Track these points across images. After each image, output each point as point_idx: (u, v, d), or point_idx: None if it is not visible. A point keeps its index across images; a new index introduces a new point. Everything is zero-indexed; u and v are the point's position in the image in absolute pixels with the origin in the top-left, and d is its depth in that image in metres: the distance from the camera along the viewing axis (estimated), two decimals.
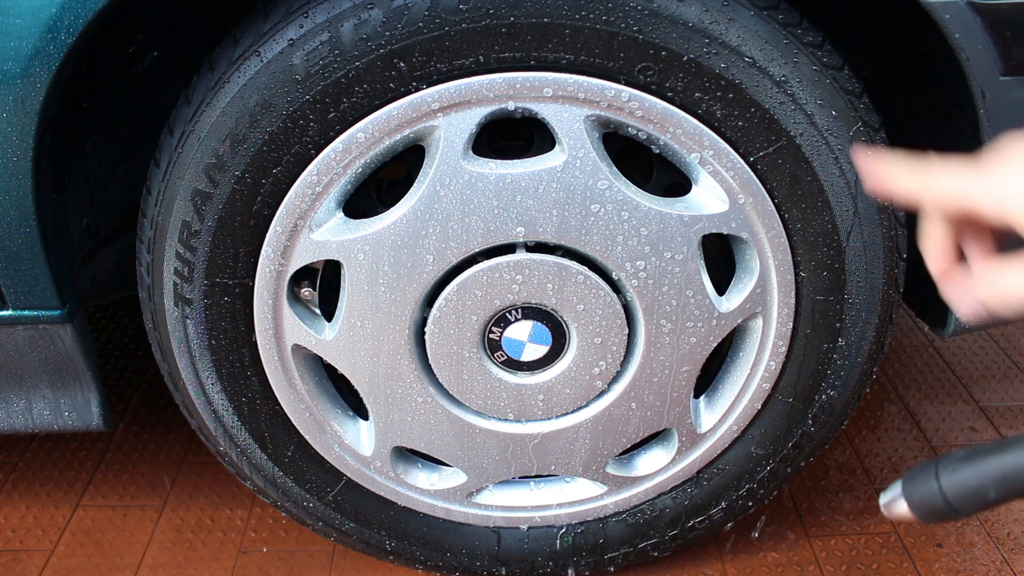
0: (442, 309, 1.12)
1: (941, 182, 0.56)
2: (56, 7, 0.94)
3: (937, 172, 0.57)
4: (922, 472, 0.58)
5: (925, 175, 0.57)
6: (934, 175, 0.57)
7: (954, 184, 0.56)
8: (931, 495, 0.57)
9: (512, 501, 1.33)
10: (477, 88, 0.99)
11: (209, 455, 1.64)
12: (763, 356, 1.19)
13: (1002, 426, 1.74)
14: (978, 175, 0.55)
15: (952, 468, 0.56)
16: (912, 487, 0.58)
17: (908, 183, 0.58)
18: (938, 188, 0.57)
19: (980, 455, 0.55)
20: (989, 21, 0.98)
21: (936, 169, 0.57)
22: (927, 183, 0.57)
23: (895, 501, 0.59)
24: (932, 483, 0.57)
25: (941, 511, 0.57)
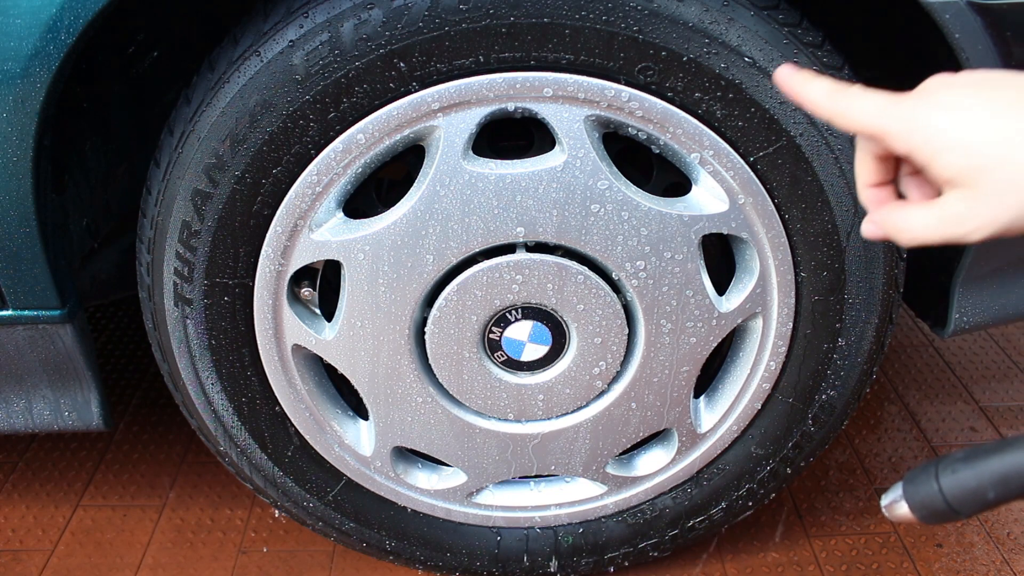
0: (442, 309, 1.12)
1: (854, 103, 0.55)
2: (56, 7, 0.94)
3: (853, 94, 0.55)
4: (922, 473, 0.58)
5: (841, 94, 0.56)
6: (849, 95, 0.55)
7: (866, 107, 0.54)
8: (931, 496, 0.57)
9: (512, 501, 1.33)
10: (477, 88, 0.99)
11: (209, 455, 1.64)
12: (763, 356, 1.19)
13: (1002, 426, 1.74)
14: (892, 103, 0.53)
15: (952, 469, 0.56)
16: (912, 488, 0.58)
17: (823, 99, 0.56)
18: (850, 109, 0.55)
19: (980, 456, 0.55)
20: (989, 21, 0.98)
21: (854, 91, 0.55)
22: (841, 102, 0.55)
23: (896, 503, 0.59)
24: (932, 484, 0.57)
25: (942, 512, 0.57)
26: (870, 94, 0.54)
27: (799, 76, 0.58)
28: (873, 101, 0.54)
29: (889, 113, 0.53)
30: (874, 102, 0.54)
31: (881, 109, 0.53)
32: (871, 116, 0.54)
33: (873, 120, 0.54)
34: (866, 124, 0.54)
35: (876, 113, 0.53)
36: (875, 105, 0.54)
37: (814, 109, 0.57)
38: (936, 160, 0.51)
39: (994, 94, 0.50)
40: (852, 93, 0.55)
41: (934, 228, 0.52)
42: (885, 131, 0.53)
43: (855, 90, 0.55)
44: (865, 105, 0.54)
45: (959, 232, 0.51)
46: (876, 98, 0.54)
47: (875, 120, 0.53)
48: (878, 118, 0.53)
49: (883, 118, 0.53)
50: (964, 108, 0.50)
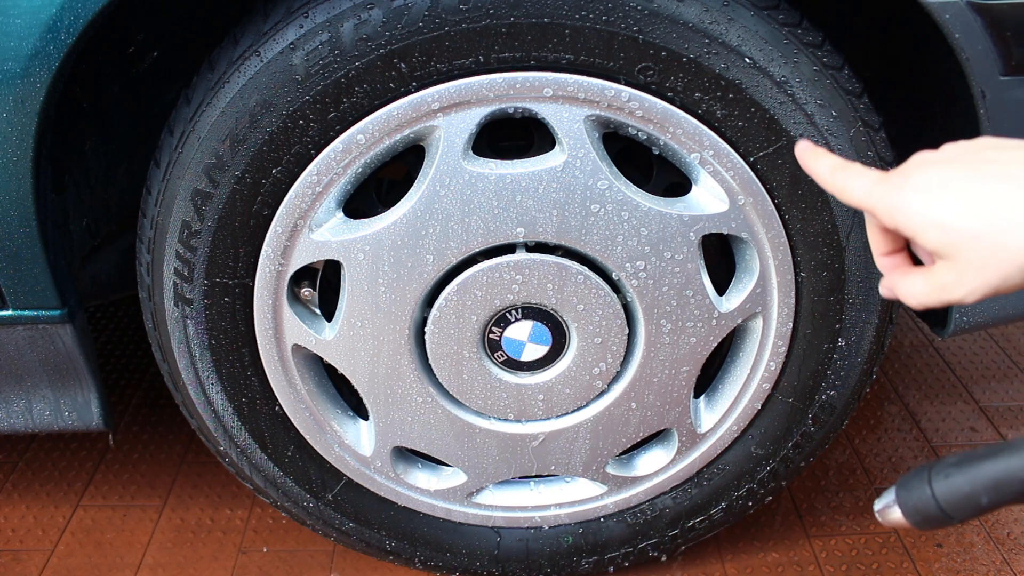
0: (442, 309, 1.12)
1: (848, 181, 0.60)
2: (56, 7, 0.94)
3: (849, 173, 0.60)
4: (915, 478, 0.58)
5: (840, 172, 0.61)
6: (846, 174, 0.60)
7: (858, 186, 0.59)
8: (924, 501, 0.57)
9: (512, 501, 1.33)
10: (477, 88, 0.99)
11: (209, 455, 1.64)
12: (763, 356, 1.19)
13: (1002, 426, 1.74)
14: (877, 183, 0.58)
15: (945, 474, 0.56)
16: (906, 493, 0.58)
17: (827, 175, 0.62)
18: (846, 187, 0.60)
19: (973, 461, 0.55)
20: (989, 21, 0.98)
21: (851, 170, 0.60)
22: (840, 179, 0.61)
23: (889, 507, 0.59)
24: (925, 489, 0.56)
25: (935, 517, 0.57)
26: (862, 174, 0.60)
27: (811, 152, 0.65)
28: (863, 181, 0.59)
29: (875, 193, 0.58)
30: (863, 182, 0.59)
31: (869, 189, 0.58)
32: (861, 195, 0.59)
33: (863, 199, 0.59)
34: (858, 202, 0.59)
35: (865, 193, 0.59)
36: (864, 185, 0.59)
37: (820, 182, 0.63)
38: (918, 237, 0.55)
39: (966, 170, 0.55)
40: (849, 172, 0.60)
41: (931, 295, 0.57)
42: (873, 209, 0.58)
43: (853, 169, 0.60)
44: (857, 184, 0.59)
45: (953, 297, 0.55)
46: (865, 178, 0.59)
47: (864, 199, 0.59)
48: (867, 198, 0.58)
49: (871, 198, 0.58)
50: (937, 187, 0.55)
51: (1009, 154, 0.55)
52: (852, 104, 1.04)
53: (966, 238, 0.53)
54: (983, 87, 1.01)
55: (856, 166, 0.61)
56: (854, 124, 1.04)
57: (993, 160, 0.55)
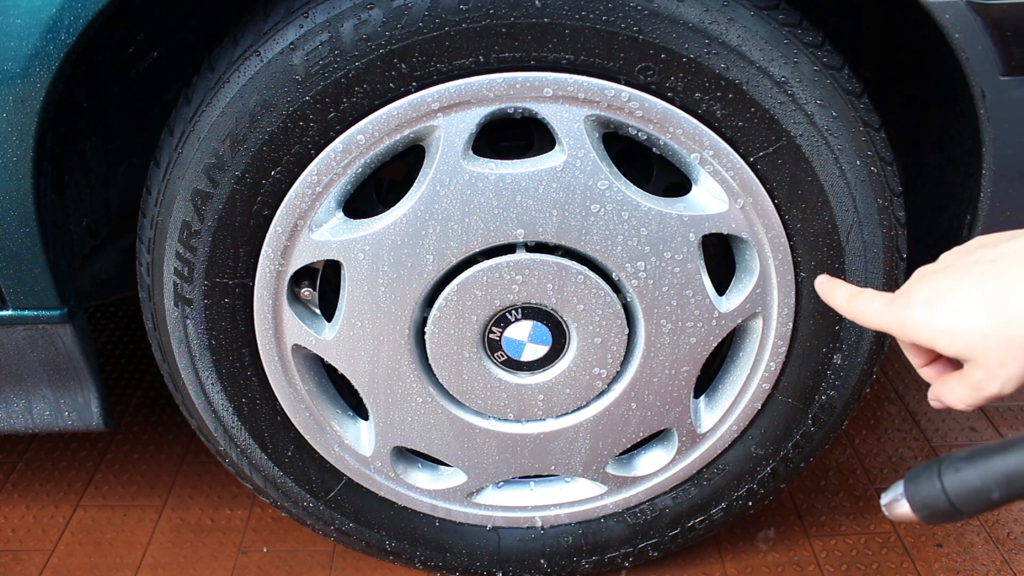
0: (442, 309, 1.12)
1: (863, 308, 0.65)
2: (56, 7, 0.94)
3: (863, 299, 0.66)
4: (924, 472, 0.57)
5: (855, 300, 0.66)
6: (860, 301, 0.66)
7: (871, 311, 0.64)
8: (934, 495, 0.56)
9: (512, 501, 1.33)
10: (477, 88, 0.99)
11: (209, 455, 1.64)
12: (763, 356, 1.19)
13: (1002, 426, 1.74)
14: (887, 305, 0.63)
15: (955, 468, 0.55)
16: (914, 487, 0.57)
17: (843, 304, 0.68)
18: (862, 313, 0.66)
19: (983, 455, 0.55)
20: (989, 21, 0.98)
21: (864, 297, 0.66)
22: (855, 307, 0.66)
23: (896, 501, 0.58)
24: (935, 483, 0.56)
25: (944, 512, 0.56)
26: (873, 298, 0.65)
27: (828, 285, 0.72)
28: (874, 306, 0.64)
29: (887, 315, 0.63)
30: (875, 307, 0.64)
31: (881, 313, 0.63)
32: (876, 319, 0.64)
33: (878, 322, 0.64)
34: (876, 324, 0.65)
35: (878, 316, 0.64)
36: (876, 310, 0.64)
37: (839, 311, 0.70)
38: (935, 346, 0.59)
39: (960, 276, 0.58)
40: (862, 299, 0.66)
41: (972, 396, 0.60)
42: (888, 330, 0.63)
43: (865, 296, 0.66)
44: (870, 309, 0.65)
45: (991, 393, 0.59)
46: (876, 302, 0.64)
47: (880, 322, 0.64)
48: (881, 320, 0.63)
49: (884, 320, 0.63)
50: (937, 298, 0.59)
51: (995, 250, 0.58)
52: (852, 104, 1.04)
53: (977, 339, 0.56)
54: (983, 87, 1.01)
55: (867, 292, 0.67)
56: (854, 124, 1.04)
57: (982, 260, 0.57)
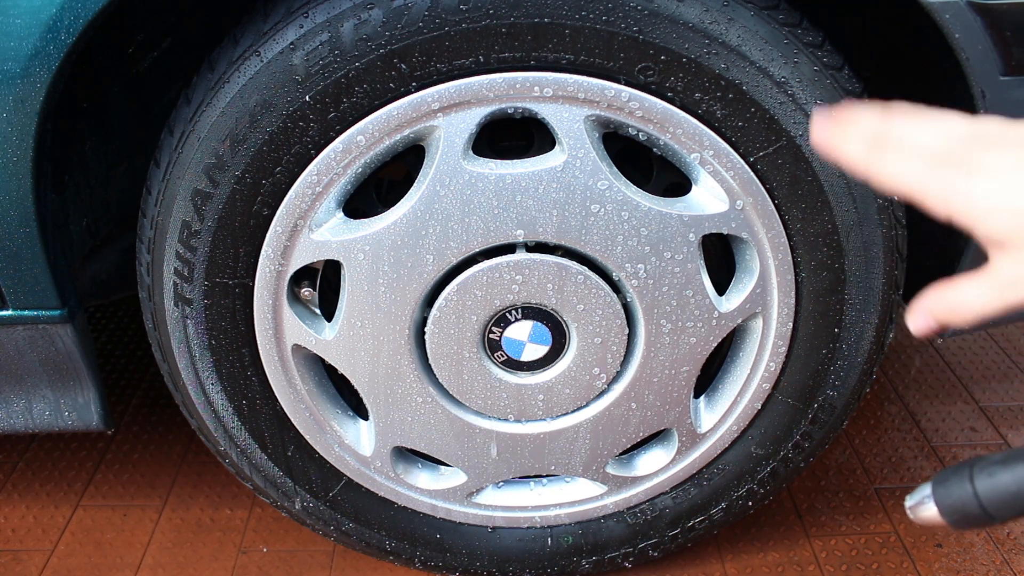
0: (442, 309, 1.12)
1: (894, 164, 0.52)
2: (56, 7, 0.94)
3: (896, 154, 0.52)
4: (955, 475, 0.55)
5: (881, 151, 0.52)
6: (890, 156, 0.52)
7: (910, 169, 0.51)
8: (965, 500, 0.54)
9: (512, 501, 1.33)
10: (477, 88, 0.99)
11: (209, 455, 1.64)
12: (763, 356, 1.19)
13: (1002, 426, 1.74)
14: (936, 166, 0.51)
15: (988, 472, 0.53)
16: (944, 490, 0.55)
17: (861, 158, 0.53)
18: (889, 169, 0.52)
19: (1019, 459, 0.53)
20: (989, 21, 0.98)
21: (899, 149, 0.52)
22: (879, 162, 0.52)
23: (923, 504, 0.56)
24: (966, 487, 0.54)
25: (974, 516, 0.54)
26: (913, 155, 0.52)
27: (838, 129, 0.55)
28: (915, 164, 0.52)
29: (931, 178, 0.51)
30: (916, 165, 0.52)
31: (922, 173, 0.52)
32: (912, 180, 0.52)
33: (914, 184, 0.52)
34: (910, 185, 0.52)
35: (917, 178, 0.52)
36: (916, 169, 0.52)
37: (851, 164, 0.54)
38: (980, 223, 0.50)
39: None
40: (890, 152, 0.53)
41: (992, 298, 0.51)
42: (924, 195, 0.52)
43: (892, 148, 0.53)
44: (907, 168, 0.52)
45: (1020, 296, 0.50)
46: (918, 160, 0.52)
47: (916, 184, 0.52)
48: (918, 182, 0.52)
49: (924, 183, 0.52)
50: (1012, 169, 0.49)
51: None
52: None
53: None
54: (983, 87, 1.01)
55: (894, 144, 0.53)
56: None
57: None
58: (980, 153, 0.50)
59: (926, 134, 0.53)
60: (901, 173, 0.52)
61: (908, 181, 0.52)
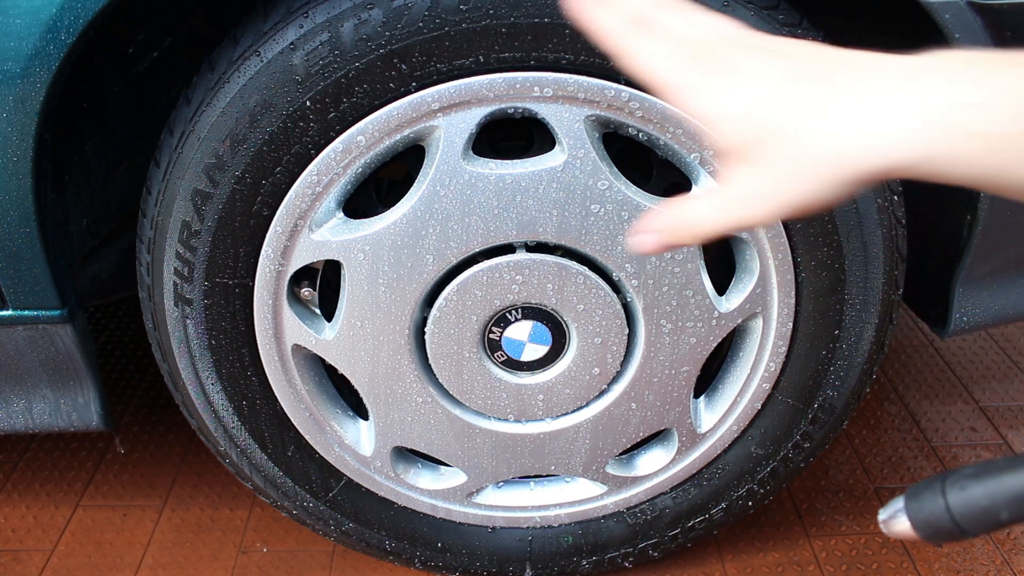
0: (442, 309, 1.12)
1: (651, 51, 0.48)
2: (56, 7, 0.94)
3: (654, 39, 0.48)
4: (927, 489, 0.55)
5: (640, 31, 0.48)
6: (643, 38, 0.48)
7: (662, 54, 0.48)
8: (937, 514, 0.53)
9: (512, 501, 1.33)
10: (477, 88, 0.99)
11: (209, 455, 1.64)
12: (763, 356, 1.19)
13: (1002, 426, 1.74)
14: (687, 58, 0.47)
15: (960, 486, 0.53)
16: (916, 504, 0.55)
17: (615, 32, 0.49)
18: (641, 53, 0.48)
19: (991, 473, 0.53)
20: (989, 21, 0.98)
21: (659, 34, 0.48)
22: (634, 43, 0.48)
23: (895, 518, 0.56)
24: (939, 501, 0.54)
25: (947, 531, 0.53)
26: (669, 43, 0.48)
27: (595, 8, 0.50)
28: (669, 50, 0.48)
29: (681, 71, 0.47)
30: (669, 52, 0.48)
31: (675, 64, 0.48)
32: (663, 69, 0.48)
33: (663, 74, 0.48)
34: (660, 73, 0.48)
35: (673, 66, 0.48)
36: (668, 56, 0.48)
37: (606, 41, 0.49)
38: (721, 126, 0.46)
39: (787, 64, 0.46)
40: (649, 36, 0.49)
41: (723, 214, 0.47)
42: (670, 87, 0.48)
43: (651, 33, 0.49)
44: (659, 52, 0.48)
45: (750, 214, 0.46)
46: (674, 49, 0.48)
47: (665, 75, 0.48)
48: (674, 71, 0.48)
49: (673, 75, 0.48)
50: (755, 76, 0.46)
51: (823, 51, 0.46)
52: None
53: (781, 135, 0.44)
54: None
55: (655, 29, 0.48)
56: None
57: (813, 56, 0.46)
58: (736, 55, 0.48)
59: (692, 26, 0.49)
60: (653, 59, 0.48)
61: (658, 69, 0.48)
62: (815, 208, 0.45)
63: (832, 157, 0.43)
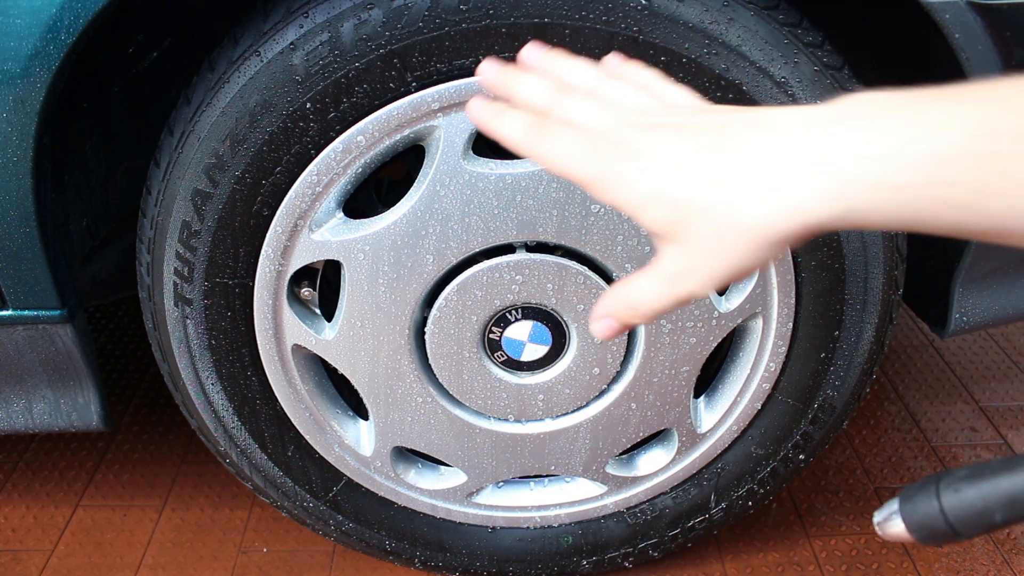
0: (442, 309, 1.12)
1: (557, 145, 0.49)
2: (56, 7, 0.94)
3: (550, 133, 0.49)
4: (921, 491, 0.55)
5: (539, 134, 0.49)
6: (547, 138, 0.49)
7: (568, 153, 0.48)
8: (931, 516, 0.53)
9: (512, 501, 1.33)
10: (477, 88, 0.99)
11: (209, 455, 1.63)
12: (763, 356, 1.19)
13: (1002, 426, 1.74)
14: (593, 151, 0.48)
15: (955, 488, 0.53)
16: (911, 507, 0.55)
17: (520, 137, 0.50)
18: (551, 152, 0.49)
19: (985, 474, 0.52)
20: (989, 21, 0.98)
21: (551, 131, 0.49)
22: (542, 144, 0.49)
23: (890, 520, 0.56)
24: (933, 503, 0.53)
25: (941, 533, 0.53)
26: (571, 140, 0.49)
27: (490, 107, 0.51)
28: (572, 148, 0.49)
29: (591, 163, 0.48)
30: (573, 150, 0.49)
31: (583, 158, 0.48)
32: (573, 165, 0.49)
33: (575, 169, 0.49)
34: (568, 171, 0.49)
35: (577, 163, 0.49)
36: (574, 153, 0.49)
37: (513, 147, 0.51)
38: (640, 213, 0.47)
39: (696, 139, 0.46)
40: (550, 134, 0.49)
41: (663, 292, 0.48)
42: (586, 182, 0.49)
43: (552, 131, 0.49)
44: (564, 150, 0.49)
45: (687, 289, 0.48)
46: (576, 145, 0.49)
47: (576, 169, 0.49)
48: (580, 167, 0.48)
49: (585, 168, 0.48)
50: (663, 158, 0.46)
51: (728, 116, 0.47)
52: None
53: (696, 212, 0.45)
54: None
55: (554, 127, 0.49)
56: None
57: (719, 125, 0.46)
58: (638, 137, 0.48)
59: (586, 113, 0.50)
60: (560, 158, 0.49)
61: (568, 167, 0.49)
62: (751, 272, 0.46)
63: (748, 226, 0.44)
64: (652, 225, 0.47)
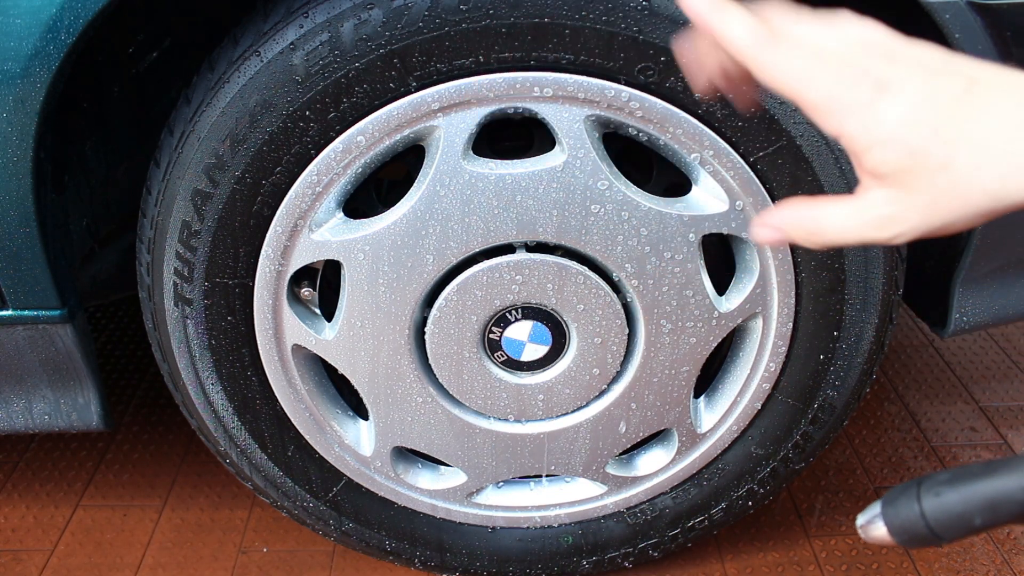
0: (442, 309, 1.12)
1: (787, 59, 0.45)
2: (56, 7, 0.94)
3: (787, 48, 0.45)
4: (903, 495, 0.55)
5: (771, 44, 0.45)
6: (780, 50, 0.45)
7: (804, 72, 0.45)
8: (912, 520, 0.53)
9: (512, 501, 1.33)
10: (477, 88, 0.99)
11: (209, 455, 1.64)
12: (763, 356, 1.19)
13: (1002, 426, 1.74)
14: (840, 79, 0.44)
15: (935, 492, 0.53)
16: (892, 510, 0.55)
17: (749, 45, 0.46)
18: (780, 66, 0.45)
19: (966, 479, 0.52)
20: (989, 21, 0.98)
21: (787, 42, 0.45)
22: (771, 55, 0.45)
23: (872, 523, 0.56)
24: (914, 506, 0.53)
25: (922, 537, 0.53)
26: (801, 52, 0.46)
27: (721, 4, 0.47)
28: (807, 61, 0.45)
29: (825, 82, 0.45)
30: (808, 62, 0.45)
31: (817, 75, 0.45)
32: (808, 81, 0.45)
33: (808, 87, 0.45)
34: (799, 89, 0.45)
35: (815, 81, 0.46)
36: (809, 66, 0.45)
37: (735, 50, 0.47)
38: (870, 153, 0.44)
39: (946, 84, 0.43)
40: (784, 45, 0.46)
41: (859, 232, 0.46)
42: (815, 106, 0.45)
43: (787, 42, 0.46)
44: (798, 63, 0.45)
45: (884, 236, 0.46)
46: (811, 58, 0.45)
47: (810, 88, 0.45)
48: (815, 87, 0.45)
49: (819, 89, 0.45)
50: (910, 96, 0.43)
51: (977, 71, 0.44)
52: None
53: (935, 165, 0.42)
54: None
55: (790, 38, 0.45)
56: None
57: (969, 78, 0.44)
58: (885, 70, 0.45)
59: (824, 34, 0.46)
60: (796, 69, 0.45)
61: (802, 83, 0.45)
62: (944, 232, 0.44)
63: (986, 189, 0.42)
64: (879, 167, 0.44)
